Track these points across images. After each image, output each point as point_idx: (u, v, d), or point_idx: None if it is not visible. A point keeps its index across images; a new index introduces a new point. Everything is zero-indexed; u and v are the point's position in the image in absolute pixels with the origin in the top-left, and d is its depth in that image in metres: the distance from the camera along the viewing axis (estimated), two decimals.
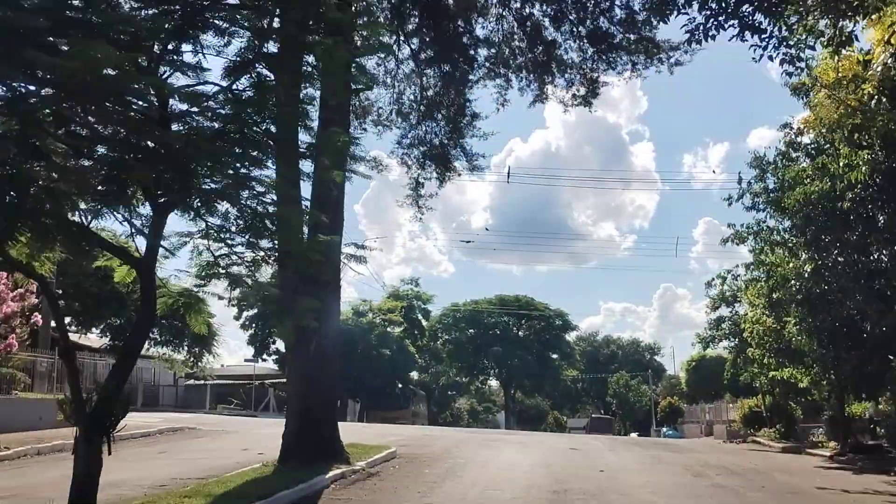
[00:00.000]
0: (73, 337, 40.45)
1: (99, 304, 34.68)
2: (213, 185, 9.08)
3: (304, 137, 11.37)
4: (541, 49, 15.77)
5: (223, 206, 9.68)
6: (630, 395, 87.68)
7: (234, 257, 10.65)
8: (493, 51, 15.93)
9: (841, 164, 14.82)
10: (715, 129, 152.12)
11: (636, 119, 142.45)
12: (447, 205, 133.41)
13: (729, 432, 42.26)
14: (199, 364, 51.24)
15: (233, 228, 10.15)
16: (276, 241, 10.57)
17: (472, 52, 16.30)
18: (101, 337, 41.96)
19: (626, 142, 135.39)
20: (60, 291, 31.56)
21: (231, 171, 8.59)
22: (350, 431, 26.79)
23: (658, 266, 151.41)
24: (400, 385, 59.38)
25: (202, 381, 55.80)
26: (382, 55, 16.67)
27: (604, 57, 15.26)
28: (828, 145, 16.38)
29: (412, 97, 17.53)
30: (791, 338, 19.04)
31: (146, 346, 42.36)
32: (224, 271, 10.70)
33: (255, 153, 8.91)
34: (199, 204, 8.85)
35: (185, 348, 45.44)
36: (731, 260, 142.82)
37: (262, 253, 10.57)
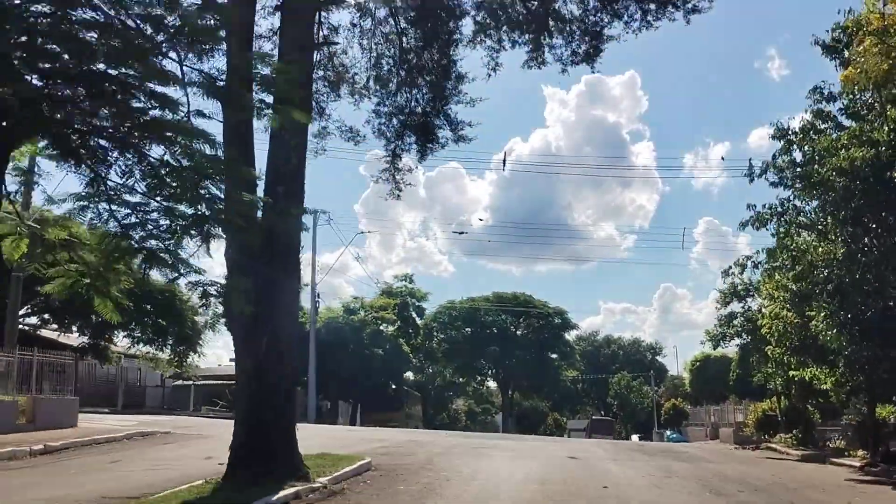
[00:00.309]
0: (53, 335, 38.37)
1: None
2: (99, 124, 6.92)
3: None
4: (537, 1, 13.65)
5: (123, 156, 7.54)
6: (632, 397, 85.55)
7: (149, 227, 8.50)
8: (482, 3, 13.79)
9: (887, 128, 12.67)
10: (715, 130, 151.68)
11: (636, 118, 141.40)
12: (447, 205, 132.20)
13: (738, 436, 40.09)
14: (185, 363, 49.24)
15: (139, 188, 8.00)
16: (202, 207, 8.41)
17: (457, 4, 14.18)
18: (80, 336, 39.96)
19: (627, 141, 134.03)
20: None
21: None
22: (329, 437, 24.79)
23: (658, 266, 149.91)
24: (394, 386, 57.22)
25: (189, 382, 53.78)
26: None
27: (609, 6, 13.11)
28: (866, 111, 14.24)
29: (391, 61, 15.37)
30: (818, 333, 16.86)
31: (129, 344, 40.48)
32: (136, 245, 8.54)
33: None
34: (76, 143, 6.68)
35: (170, 347, 43.35)
36: (732, 259, 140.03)
37: (182, 221, 8.40)
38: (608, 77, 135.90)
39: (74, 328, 38.99)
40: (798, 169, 15.24)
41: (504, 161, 27.32)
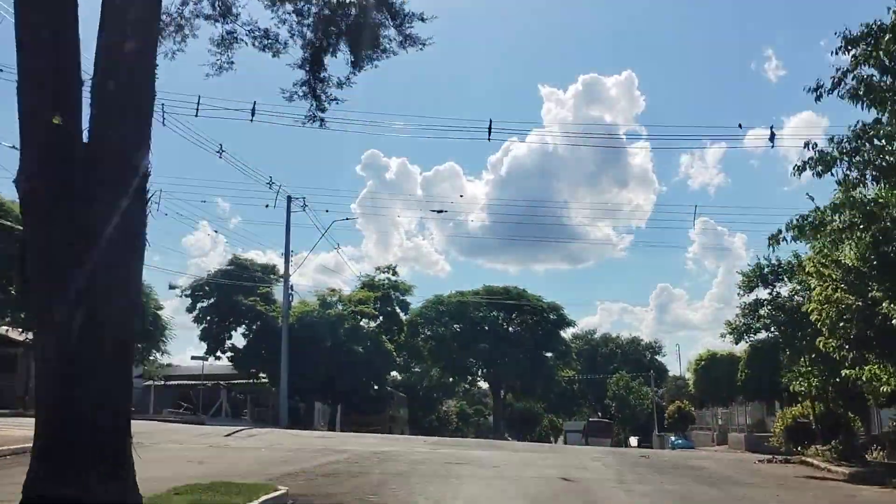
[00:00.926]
0: (13, 335, 34.42)
1: None
2: None
3: None
4: None
5: None
6: (631, 398, 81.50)
7: None
8: None
9: None
10: (712, 130, 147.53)
11: (633, 119, 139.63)
12: (444, 205, 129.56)
13: (759, 445, 36.02)
14: (146, 362, 45.10)
15: None
16: None
17: None
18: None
19: (624, 141, 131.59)
20: None
21: None
22: (277, 450, 20.67)
23: (655, 266, 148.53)
24: (376, 386, 53.07)
25: (151, 382, 49.60)
26: None
27: None
28: None
29: None
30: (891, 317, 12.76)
31: None
32: None
33: None
34: None
35: None
36: (728, 261, 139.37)
37: None
38: (605, 77, 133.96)
39: None
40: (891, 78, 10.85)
41: (489, 131, 24.09)
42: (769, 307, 23.69)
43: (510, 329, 59.62)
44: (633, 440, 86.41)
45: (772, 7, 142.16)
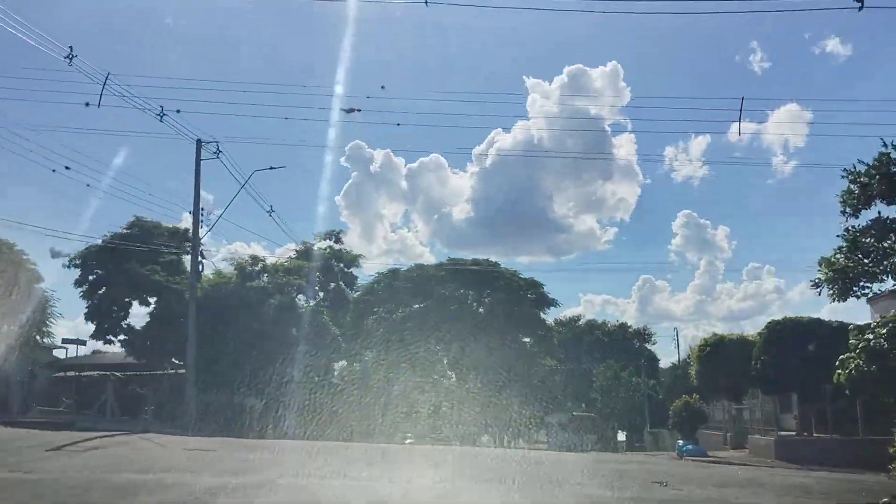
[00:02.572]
0: None
1: None
2: None
3: None
4: None
5: None
6: (620, 390, 72.66)
7: None
8: None
9: None
10: (696, 124, 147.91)
11: (618, 111, 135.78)
12: (428, 196, 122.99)
13: (794, 452, 27.22)
14: (24, 348, 35.70)
15: None
16: None
17: None
18: None
19: (609, 133, 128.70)
20: None
21: None
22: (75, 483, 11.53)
23: (638, 258, 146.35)
24: (317, 378, 43.82)
25: (71, 373, 40.19)
26: None
27: None
28: None
29: None
30: None
31: None
32: None
33: None
34: None
35: None
36: (710, 252, 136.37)
37: None
38: (591, 69, 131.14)
39: None
40: None
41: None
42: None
43: (481, 310, 50.28)
44: (621, 435, 78.10)
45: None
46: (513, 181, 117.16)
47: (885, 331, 20.04)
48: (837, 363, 22.76)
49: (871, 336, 21.17)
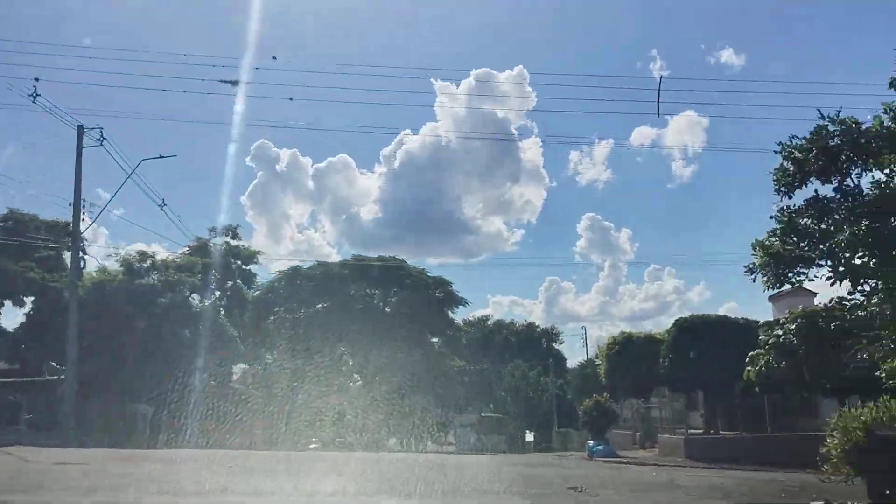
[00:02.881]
0: None
1: None
2: None
3: None
4: None
5: None
6: (528, 390, 72.32)
7: None
8: None
9: None
10: (599, 128, 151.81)
11: (525, 115, 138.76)
12: (336, 196, 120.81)
13: (703, 451, 26.82)
14: None
15: None
16: None
17: None
18: None
19: (515, 136, 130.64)
20: None
21: None
22: None
23: (544, 260, 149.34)
24: (213, 382, 41.37)
25: None
26: None
27: None
28: None
29: None
30: None
31: None
32: None
33: None
34: None
35: None
36: (613, 254, 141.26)
37: None
38: (497, 72, 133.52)
39: None
40: None
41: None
42: (844, 209, 13.12)
43: (387, 310, 48.80)
44: (529, 436, 77.72)
45: (656, 9, 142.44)
46: (421, 183, 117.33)
47: (794, 326, 19.63)
48: (747, 360, 22.40)
49: (780, 332, 20.77)
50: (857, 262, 13.64)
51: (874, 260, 13.32)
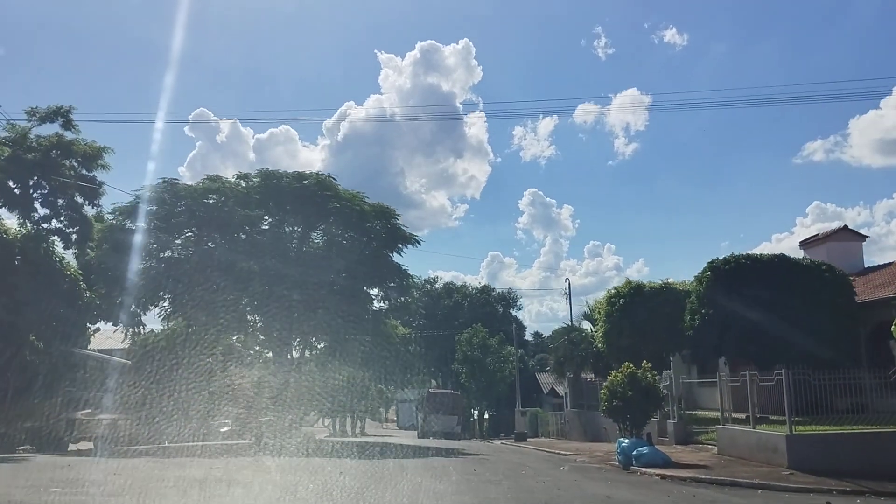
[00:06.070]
0: None
1: None
2: None
3: None
4: None
5: None
6: (488, 361, 60.12)
7: None
8: None
9: None
10: (544, 104, 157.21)
11: (470, 89, 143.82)
12: (278, 168, 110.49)
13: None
14: None
15: None
16: None
17: None
18: None
19: (460, 111, 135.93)
20: None
21: None
22: None
23: (487, 235, 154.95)
24: (84, 351, 28.01)
25: None
26: None
27: None
28: None
29: None
30: None
31: None
32: None
33: None
34: None
35: None
36: (555, 231, 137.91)
37: None
38: (443, 46, 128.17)
39: None
40: None
41: None
42: None
43: (306, 248, 35.49)
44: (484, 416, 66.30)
45: None
46: (365, 156, 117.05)
47: None
48: None
49: None
50: None
51: None
